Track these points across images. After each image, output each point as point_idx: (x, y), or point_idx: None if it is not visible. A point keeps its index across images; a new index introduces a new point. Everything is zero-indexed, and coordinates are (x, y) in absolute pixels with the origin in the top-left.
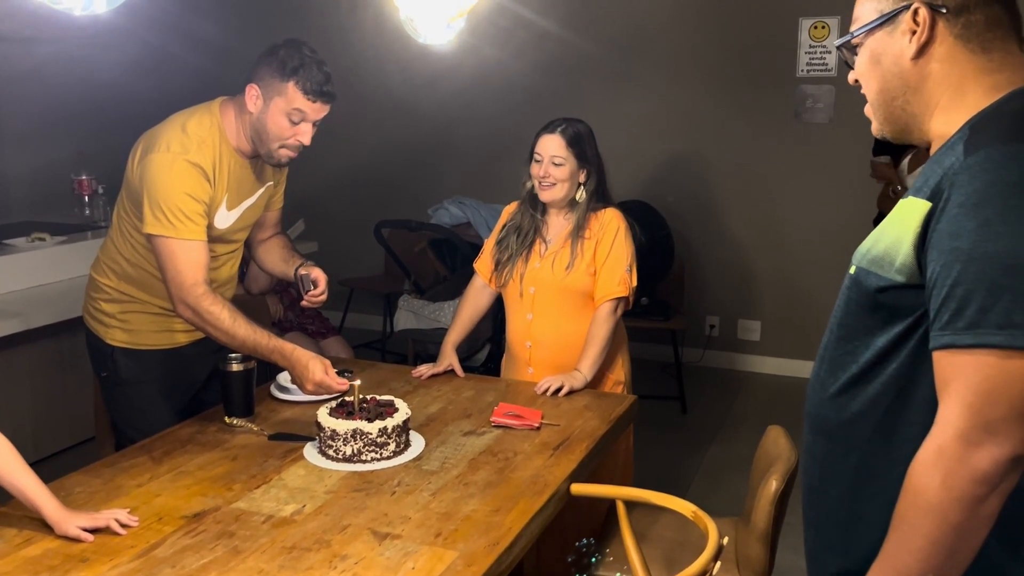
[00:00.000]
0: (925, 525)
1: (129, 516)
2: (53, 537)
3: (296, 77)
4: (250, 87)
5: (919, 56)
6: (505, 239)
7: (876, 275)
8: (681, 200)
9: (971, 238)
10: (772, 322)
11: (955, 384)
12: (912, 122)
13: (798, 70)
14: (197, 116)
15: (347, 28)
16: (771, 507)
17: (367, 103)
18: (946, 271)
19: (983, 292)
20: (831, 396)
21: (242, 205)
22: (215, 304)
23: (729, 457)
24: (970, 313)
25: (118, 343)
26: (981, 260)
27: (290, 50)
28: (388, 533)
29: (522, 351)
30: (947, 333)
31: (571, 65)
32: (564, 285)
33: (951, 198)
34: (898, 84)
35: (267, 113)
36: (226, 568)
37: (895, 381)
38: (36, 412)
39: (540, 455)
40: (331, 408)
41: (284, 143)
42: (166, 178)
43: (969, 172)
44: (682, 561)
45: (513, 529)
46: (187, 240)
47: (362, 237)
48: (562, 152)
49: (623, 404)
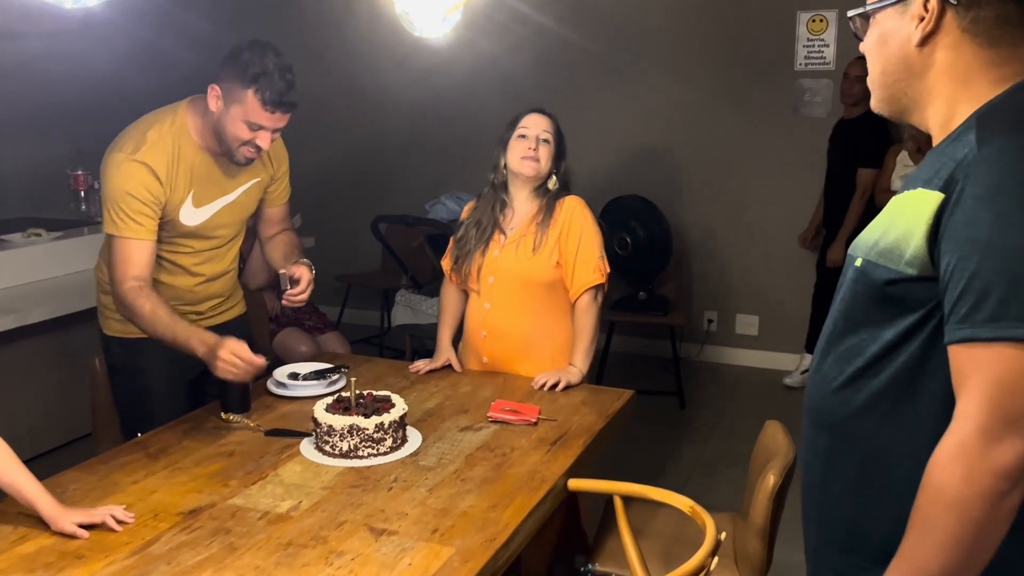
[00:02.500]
0: (947, 522)
1: (125, 512)
2: (49, 534)
3: (256, 85)
4: (212, 87)
5: (924, 44)
6: (464, 236)
7: (885, 268)
8: (678, 194)
9: (988, 229)
10: (770, 317)
11: (975, 378)
12: (911, 106)
13: (796, 64)
14: (161, 116)
15: (342, 22)
16: (769, 502)
17: (363, 98)
18: (963, 263)
19: (1003, 284)
20: (835, 390)
21: (216, 202)
22: (139, 298)
23: (727, 452)
24: (990, 306)
25: (114, 333)
26: (1000, 252)
27: (254, 54)
28: (385, 529)
29: (477, 340)
30: (966, 326)
31: (568, 59)
32: (525, 274)
33: (966, 189)
34: (901, 68)
35: (226, 116)
36: (222, 565)
37: (904, 374)
38: (32, 409)
39: (537, 450)
40: (328, 404)
41: (243, 144)
42: (113, 178)
43: (986, 163)
44: (680, 556)
45: (510, 525)
46: (126, 238)
47: (359, 232)
48: (551, 131)
49: (621, 399)
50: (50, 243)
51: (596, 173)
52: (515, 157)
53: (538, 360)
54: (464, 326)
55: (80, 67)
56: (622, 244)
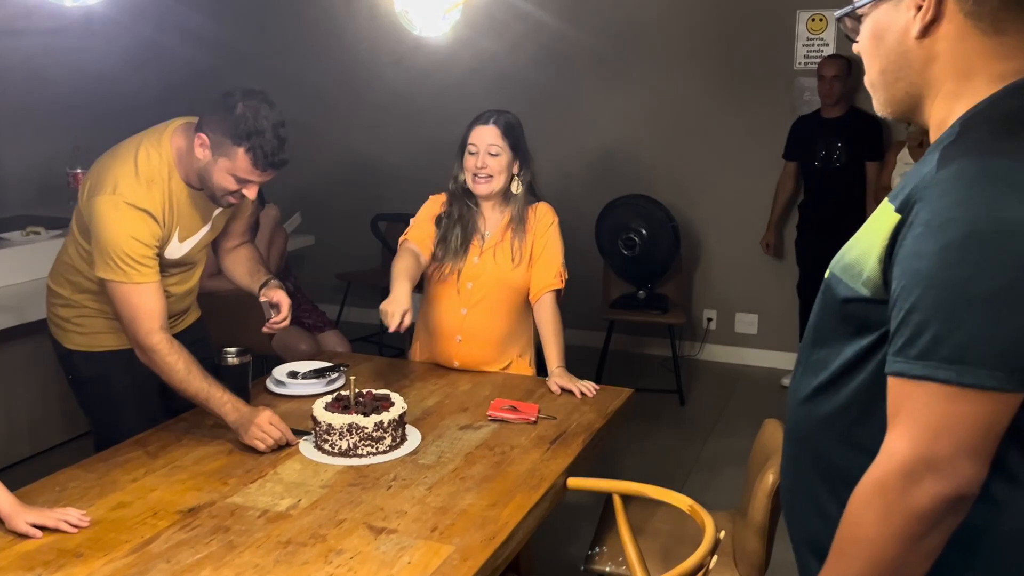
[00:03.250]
0: (861, 557)
1: (81, 517)
2: (48, 533)
3: (248, 144)
4: (199, 136)
5: (924, 35)
6: (449, 232)
7: (845, 284)
8: (677, 192)
9: (931, 262)
10: (769, 315)
11: (903, 414)
12: (916, 104)
13: (795, 63)
14: (146, 149)
15: (342, 20)
16: (768, 500)
17: (362, 96)
18: (905, 293)
19: (938, 322)
20: (801, 401)
21: (197, 235)
22: (171, 354)
23: (726, 451)
24: (923, 342)
25: (76, 347)
26: (940, 287)
27: (247, 108)
28: (384, 527)
29: (450, 344)
30: (899, 360)
31: (567, 57)
32: (506, 281)
33: (919, 214)
34: (901, 64)
35: (213, 167)
36: (221, 563)
37: (860, 394)
38: (32, 407)
39: (537, 449)
40: (327, 402)
41: (230, 194)
42: (113, 224)
43: (939, 187)
44: (679, 555)
45: (509, 523)
46: (140, 284)
47: (359, 230)
48: (498, 142)
49: (620, 398)
50: (49, 241)
51: (594, 170)
52: (468, 176)
53: (507, 358)
54: (432, 325)
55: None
56: (629, 244)
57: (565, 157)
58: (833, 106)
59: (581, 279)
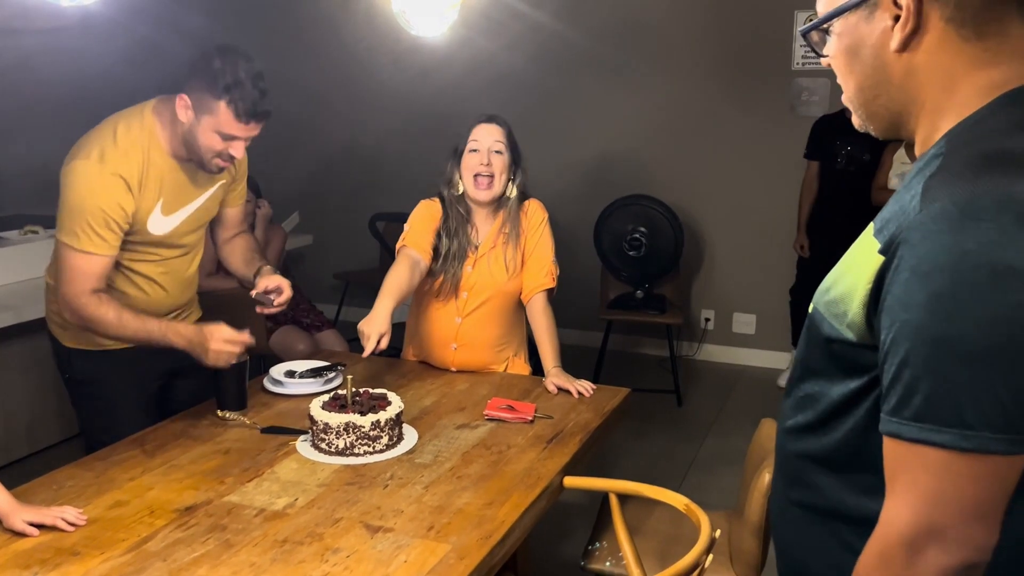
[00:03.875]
0: None
1: (78, 515)
2: (44, 531)
3: (228, 96)
4: (180, 97)
5: (905, 48)
6: (451, 240)
7: (829, 323)
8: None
9: (920, 313)
10: (767, 316)
11: (901, 479)
12: (897, 120)
13: (793, 63)
14: (127, 121)
15: (339, 20)
16: (764, 500)
17: (360, 96)
18: (895, 347)
19: (931, 380)
20: (788, 431)
21: (184, 209)
22: (99, 308)
23: (723, 450)
24: (916, 402)
25: (73, 344)
26: (931, 344)
27: (225, 63)
28: (381, 526)
29: (447, 352)
30: (894, 420)
31: (565, 58)
32: (500, 289)
33: (904, 257)
34: (879, 79)
35: (197, 127)
36: (218, 561)
37: (851, 438)
38: (29, 406)
39: (533, 448)
40: (324, 401)
41: (217, 154)
42: (82, 187)
43: (922, 230)
44: (675, 554)
45: (506, 522)
46: (90, 254)
47: (357, 230)
48: (502, 140)
49: (617, 397)
50: (46, 240)
51: (590, 170)
52: (468, 176)
53: (502, 358)
54: (420, 333)
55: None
56: (635, 244)
57: (561, 157)
58: None
59: (578, 279)
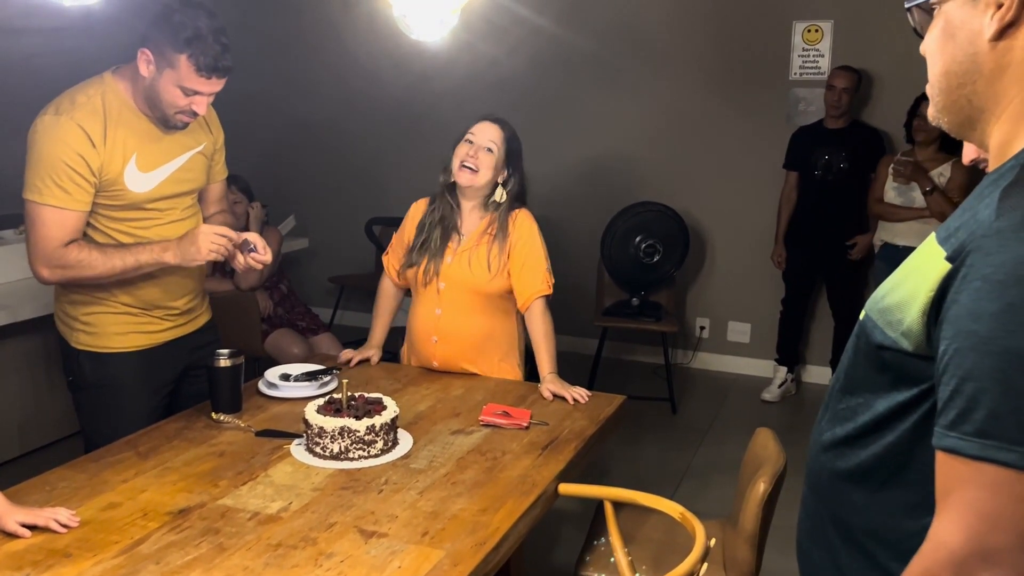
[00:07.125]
0: None
1: (71, 517)
2: (36, 532)
3: (189, 50)
4: (142, 52)
5: (1000, 37)
6: (428, 238)
7: (882, 331)
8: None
9: (991, 324)
10: (762, 325)
11: (955, 497)
12: (977, 117)
13: (791, 73)
14: (86, 83)
15: (340, 25)
16: (759, 509)
17: (360, 100)
18: (959, 358)
19: (997, 394)
20: (823, 448)
21: (163, 168)
22: (81, 251)
23: (718, 459)
24: (979, 417)
25: (83, 346)
26: (1000, 355)
27: (186, 16)
28: (375, 531)
29: (427, 345)
30: (952, 435)
31: (565, 63)
32: (479, 286)
33: (974, 265)
34: (968, 67)
35: (159, 82)
36: (211, 565)
37: (892, 454)
38: (22, 406)
39: (528, 455)
40: (319, 405)
41: (180, 110)
42: (45, 140)
43: (999, 239)
44: (669, 562)
45: (500, 529)
46: (51, 207)
47: (353, 234)
48: (498, 141)
49: (612, 405)
50: None
51: (589, 176)
52: (456, 161)
53: (487, 360)
54: (410, 328)
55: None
56: (649, 252)
57: (560, 162)
58: (838, 118)
59: (574, 285)
